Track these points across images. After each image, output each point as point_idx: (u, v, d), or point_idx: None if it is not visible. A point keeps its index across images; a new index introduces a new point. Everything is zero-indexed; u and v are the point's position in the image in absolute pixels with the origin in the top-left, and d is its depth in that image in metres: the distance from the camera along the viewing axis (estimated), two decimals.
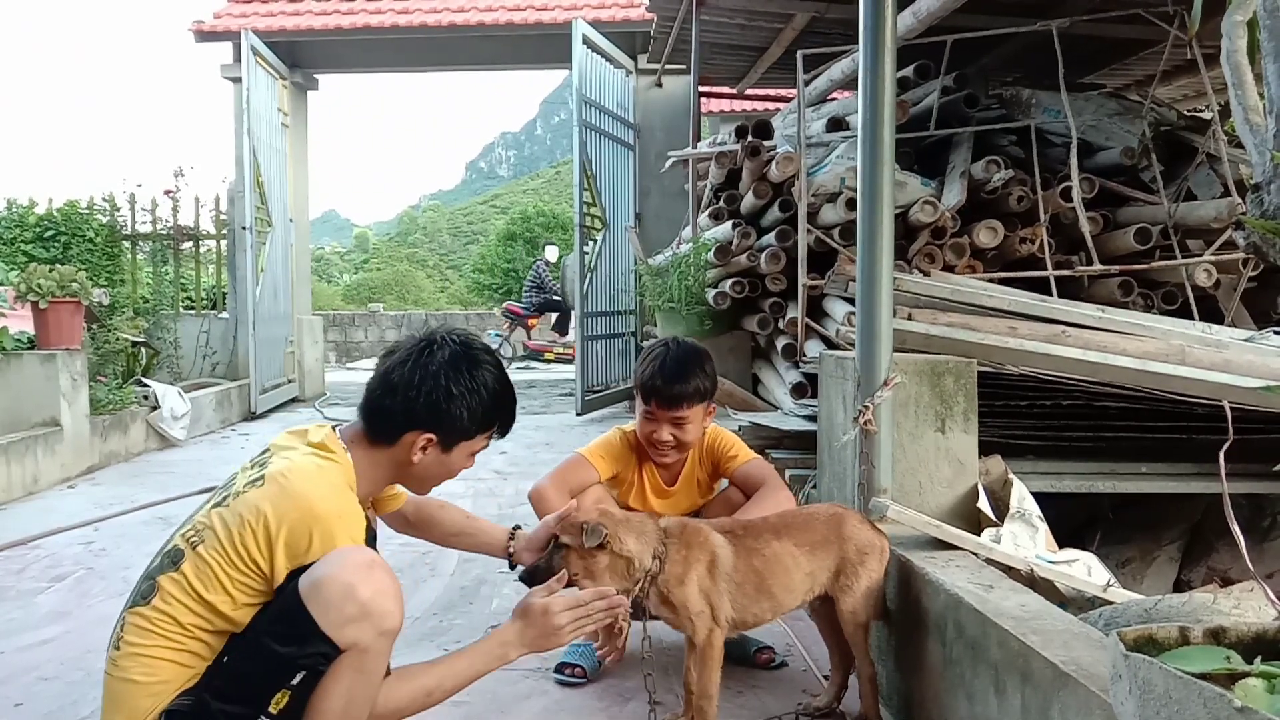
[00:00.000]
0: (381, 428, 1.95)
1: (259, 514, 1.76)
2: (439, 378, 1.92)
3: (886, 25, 2.57)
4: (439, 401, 1.92)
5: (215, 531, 1.78)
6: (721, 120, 12.92)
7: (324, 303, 24.45)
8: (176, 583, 1.76)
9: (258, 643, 1.73)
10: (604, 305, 8.65)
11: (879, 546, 2.31)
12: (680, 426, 2.62)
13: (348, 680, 1.74)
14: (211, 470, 6.01)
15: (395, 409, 1.93)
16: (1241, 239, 1.58)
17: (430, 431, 1.94)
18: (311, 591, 1.71)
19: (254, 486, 1.82)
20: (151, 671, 1.73)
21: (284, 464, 1.85)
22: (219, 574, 1.75)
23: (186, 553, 1.79)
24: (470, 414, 1.96)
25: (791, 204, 4.42)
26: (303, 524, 1.75)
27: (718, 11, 5.85)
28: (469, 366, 1.97)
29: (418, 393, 1.91)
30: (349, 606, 1.70)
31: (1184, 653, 1.13)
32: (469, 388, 1.95)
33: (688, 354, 2.66)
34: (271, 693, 1.72)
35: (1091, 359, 3.13)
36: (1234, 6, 1.62)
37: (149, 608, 1.76)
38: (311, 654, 1.70)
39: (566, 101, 14.09)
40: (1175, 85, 6.17)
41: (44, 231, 9.26)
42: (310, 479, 1.82)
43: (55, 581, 3.73)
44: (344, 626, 1.70)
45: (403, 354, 1.96)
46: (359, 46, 9.98)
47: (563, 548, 2.13)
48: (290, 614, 1.71)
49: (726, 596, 2.23)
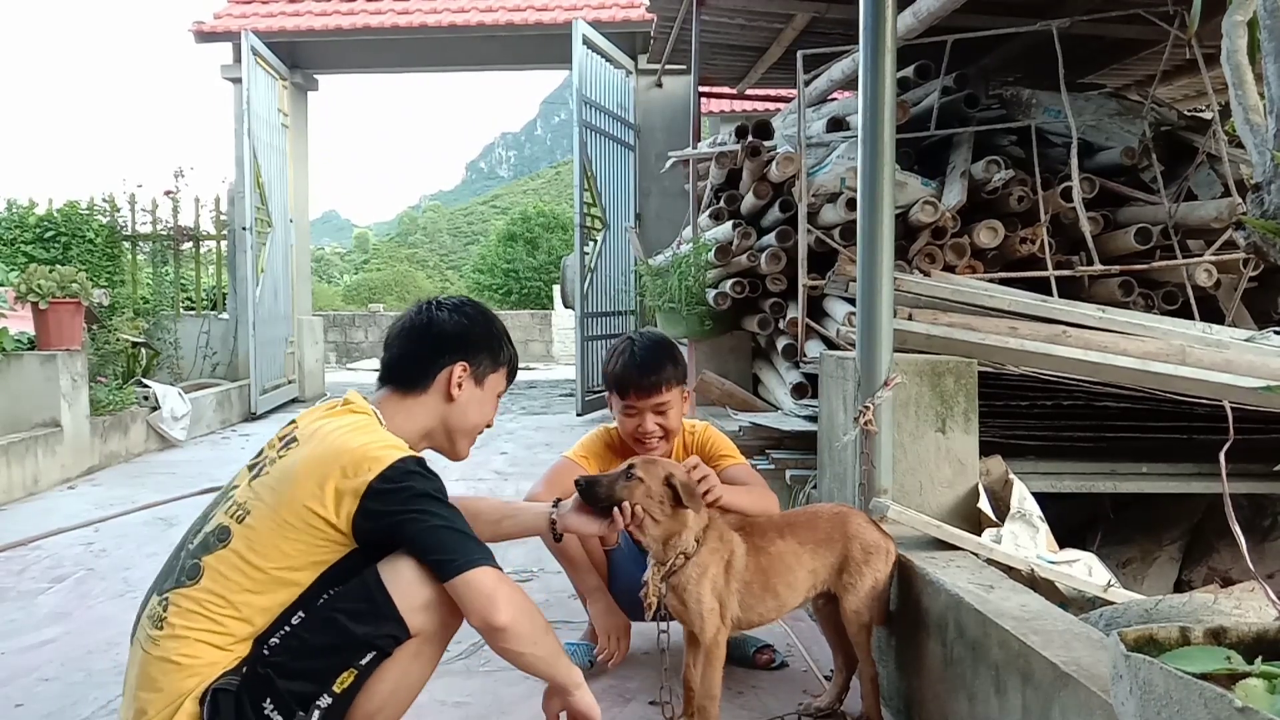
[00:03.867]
0: (413, 373, 1.99)
1: (303, 465, 1.79)
2: (454, 313, 2.03)
3: (886, 25, 2.57)
4: (462, 329, 2.01)
5: (261, 500, 1.79)
6: (721, 120, 12.91)
7: (324, 303, 24.46)
8: (226, 559, 1.76)
9: (331, 621, 1.74)
10: (604, 305, 8.66)
11: (884, 548, 2.30)
12: (663, 414, 2.62)
13: (404, 665, 1.79)
14: (212, 471, 6.01)
15: (423, 349, 1.99)
16: (1242, 239, 1.58)
17: (463, 358, 1.99)
18: (393, 574, 1.75)
19: (289, 450, 1.86)
20: (194, 654, 1.72)
21: (314, 423, 1.90)
22: (274, 537, 1.76)
23: (234, 529, 1.79)
24: (489, 337, 2.05)
25: (792, 204, 4.41)
26: (348, 455, 1.78)
27: (718, 11, 5.85)
28: (469, 303, 2.11)
29: (440, 329, 2.00)
30: (424, 593, 1.75)
31: (1185, 653, 1.13)
32: (480, 315, 2.07)
33: (654, 342, 2.69)
34: (339, 671, 1.74)
35: (1092, 359, 3.13)
36: (1234, 6, 1.62)
37: (197, 588, 1.75)
38: (384, 635, 1.75)
39: (566, 102, 14.09)
40: (1176, 85, 6.17)
41: (44, 232, 9.27)
42: (342, 427, 1.87)
43: (56, 582, 3.73)
44: (419, 611, 1.75)
45: (410, 311, 2.07)
46: (359, 47, 9.99)
47: (634, 478, 2.13)
48: (368, 593, 1.75)
49: (736, 596, 2.23)
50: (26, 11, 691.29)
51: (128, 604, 3.39)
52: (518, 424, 8.32)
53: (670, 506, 2.15)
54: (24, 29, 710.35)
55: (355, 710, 1.78)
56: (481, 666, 2.75)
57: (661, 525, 2.15)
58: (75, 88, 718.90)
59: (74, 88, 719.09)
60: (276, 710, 1.71)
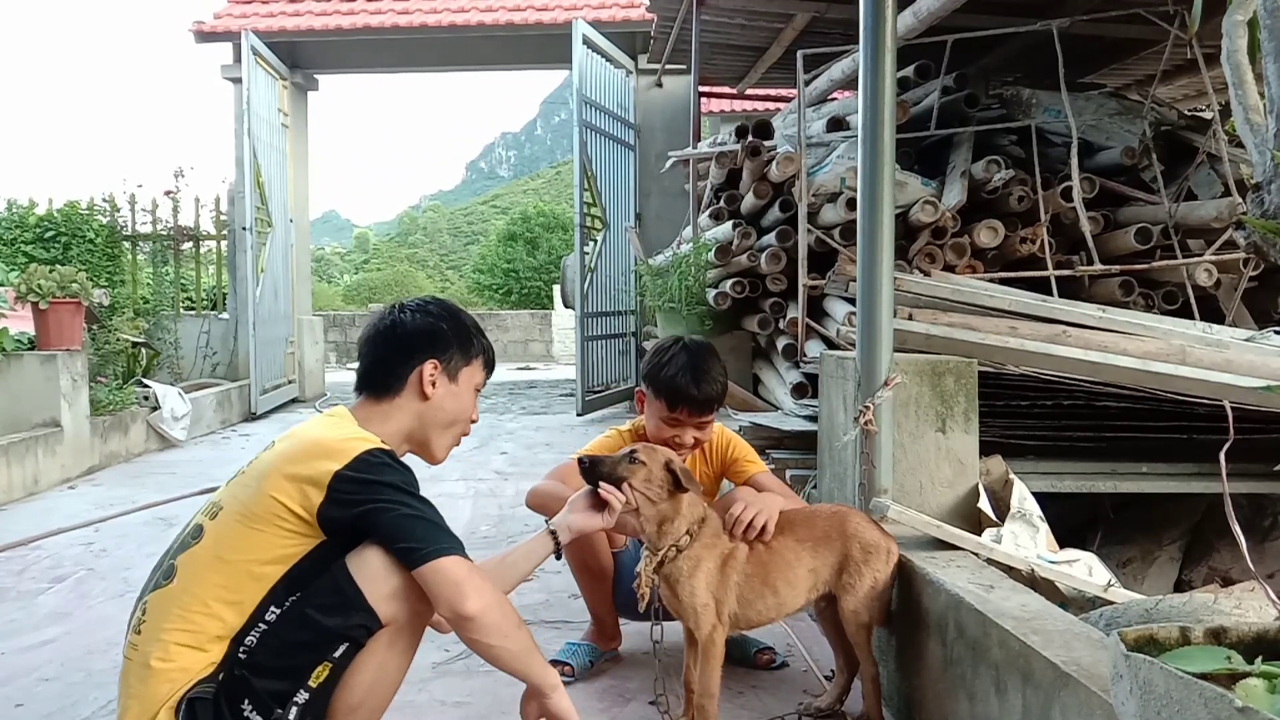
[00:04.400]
0: (384, 378, 1.99)
1: (273, 460, 1.81)
2: (417, 314, 2.03)
3: (887, 25, 2.57)
4: (428, 327, 2.01)
5: (235, 497, 1.81)
6: (721, 120, 12.92)
7: (324, 303, 24.46)
8: (197, 556, 1.77)
9: (302, 616, 1.75)
10: (604, 305, 8.65)
11: (885, 547, 2.29)
12: (704, 429, 2.62)
13: (380, 655, 1.79)
14: (212, 471, 6.01)
15: (391, 352, 1.99)
16: (1242, 239, 1.58)
17: (432, 355, 1.99)
18: (360, 564, 1.75)
19: (267, 450, 1.89)
20: (168, 656, 1.72)
21: (291, 430, 1.93)
22: (242, 530, 1.76)
23: (205, 525, 1.81)
24: (457, 332, 2.05)
25: (792, 204, 4.41)
26: (316, 447, 1.80)
27: (718, 11, 5.85)
28: (434, 302, 2.11)
29: (405, 330, 2.00)
30: (394, 580, 1.75)
31: (1185, 653, 1.13)
32: (445, 312, 2.07)
33: (705, 354, 2.64)
34: (314, 665, 1.74)
35: (1092, 359, 3.13)
36: (1234, 6, 1.62)
37: (171, 587, 1.77)
38: (355, 625, 1.75)
39: (566, 101, 14.09)
40: (1176, 85, 6.17)
41: (44, 232, 9.26)
42: (315, 424, 1.91)
43: (56, 582, 3.73)
44: (388, 600, 1.75)
45: (375, 317, 2.08)
46: (359, 46, 9.98)
47: (637, 462, 2.16)
48: (337, 585, 1.75)
49: (733, 594, 2.23)
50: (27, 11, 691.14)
51: (127, 604, 3.37)
52: (518, 424, 8.32)
53: (667, 492, 2.18)
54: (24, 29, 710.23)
55: (336, 705, 1.78)
56: (481, 666, 2.74)
57: (657, 508, 2.19)
58: (75, 88, 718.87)
59: (74, 88, 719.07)
60: (255, 710, 1.71)
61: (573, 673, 2.69)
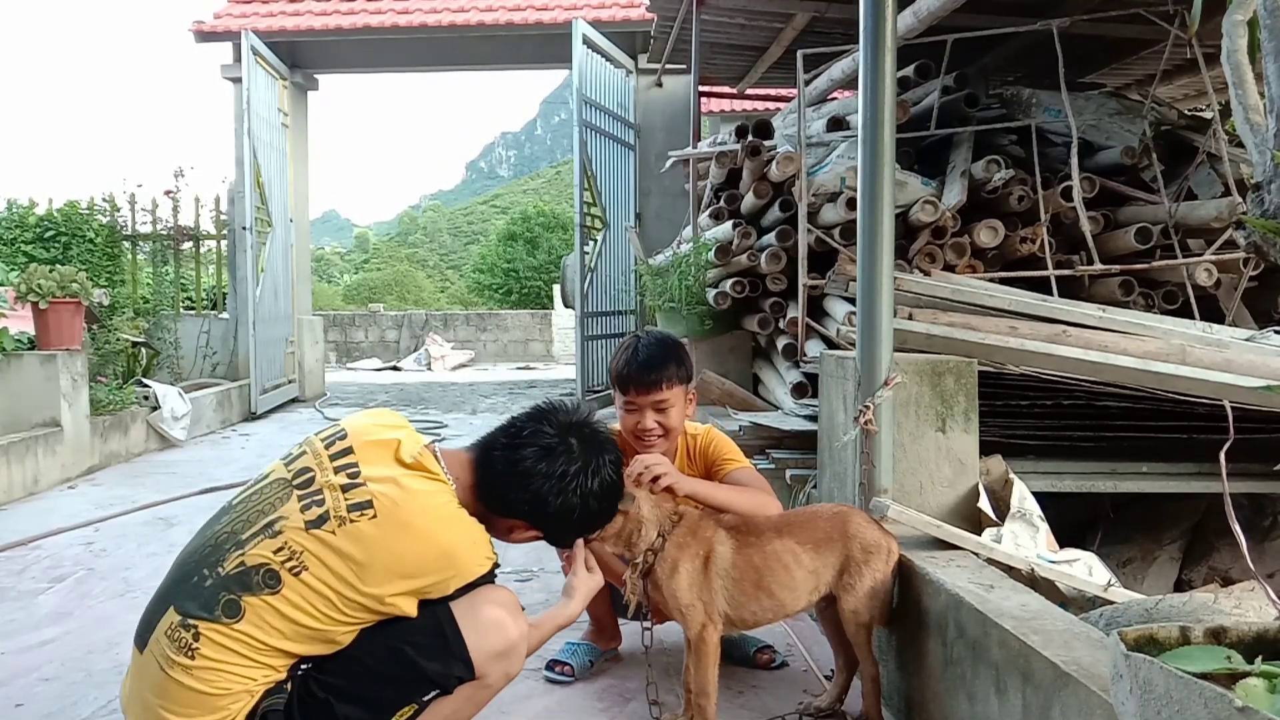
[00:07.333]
0: (493, 497, 1.93)
1: (383, 554, 1.73)
2: (562, 493, 1.91)
3: (886, 25, 2.57)
4: (554, 513, 1.93)
5: (324, 563, 1.71)
6: (721, 120, 12.92)
7: (324, 303, 24.45)
8: (273, 609, 1.69)
9: (395, 651, 1.73)
10: (604, 305, 8.65)
11: (885, 547, 2.29)
12: (663, 412, 2.60)
13: (456, 705, 1.80)
14: (212, 470, 6.01)
15: (513, 497, 1.91)
16: (1242, 238, 1.58)
17: (538, 530, 1.99)
18: (470, 617, 1.76)
19: (362, 515, 1.75)
20: (226, 686, 1.68)
21: (393, 492, 1.78)
22: (331, 603, 1.71)
23: (285, 579, 1.70)
24: (582, 524, 2.02)
25: (792, 204, 4.41)
26: (440, 568, 1.76)
27: (718, 11, 5.85)
28: (595, 479, 1.96)
29: (537, 496, 1.90)
30: (499, 642, 1.78)
31: (1185, 652, 1.13)
32: (584, 502, 1.95)
33: (660, 340, 2.69)
34: (401, 704, 1.75)
35: (1092, 359, 3.13)
36: (1234, 6, 1.62)
37: (236, 627, 1.68)
38: (452, 676, 1.75)
39: (566, 101, 14.08)
40: (1176, 85, 6.17)
41: (44, 232, 9.27)
42: (430, 514, 1.79)
43: (56, 582, 3.73)
44: (489, 659, 1.77)
45: (541, 440, 1.92)
46: (359, 46, 9.98)
47: None
48: (441, 631, 1.75)
49: (722, 594, 2.22)
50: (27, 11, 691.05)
51: (128, 604, 3.39)
52: None
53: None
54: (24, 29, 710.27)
55: None
56: None
57: (614, 534, 2.19)
58: (75, 88, 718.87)
59: (74, 88, 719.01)
60: None
61: (572, 672, 2.69)
